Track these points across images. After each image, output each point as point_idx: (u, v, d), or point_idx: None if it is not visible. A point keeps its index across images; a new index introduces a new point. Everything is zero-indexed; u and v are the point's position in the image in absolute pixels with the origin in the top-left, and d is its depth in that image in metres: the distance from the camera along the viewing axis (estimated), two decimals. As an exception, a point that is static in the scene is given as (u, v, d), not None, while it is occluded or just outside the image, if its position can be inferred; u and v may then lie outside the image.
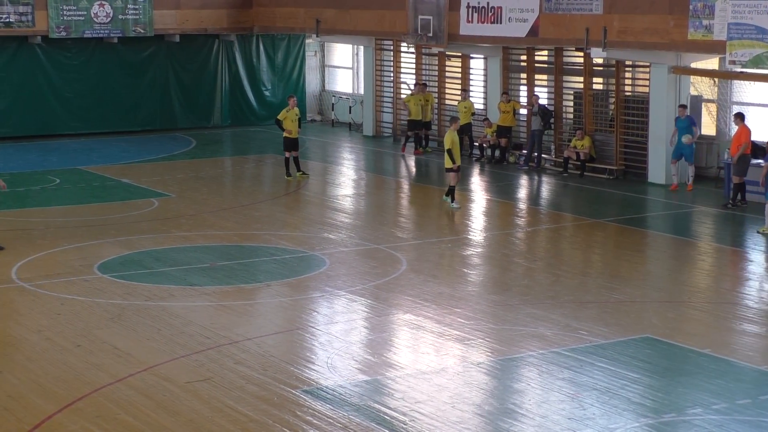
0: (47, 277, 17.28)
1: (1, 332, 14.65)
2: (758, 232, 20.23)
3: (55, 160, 29.49)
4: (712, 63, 25.14)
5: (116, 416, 11.54)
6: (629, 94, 26.71)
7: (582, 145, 26.54)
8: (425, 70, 32.63)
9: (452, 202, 22.64)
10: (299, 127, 26.21)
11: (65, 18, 32.41)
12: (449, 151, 22.32)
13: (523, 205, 24.09)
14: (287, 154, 26.12)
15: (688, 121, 24.34)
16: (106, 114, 34.20)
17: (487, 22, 27.74)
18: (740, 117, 22.82)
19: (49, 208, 23.05)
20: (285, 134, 25.96)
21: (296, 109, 26.22)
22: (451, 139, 22.47)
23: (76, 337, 14.27)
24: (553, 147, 28.10)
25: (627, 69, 26.71)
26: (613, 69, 26.56)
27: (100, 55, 33.98)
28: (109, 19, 32.94)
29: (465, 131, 29.36)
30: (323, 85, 38.33)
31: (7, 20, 31.82)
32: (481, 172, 27.81)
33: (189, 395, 12.13)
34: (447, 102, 31.74)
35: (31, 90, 33.12)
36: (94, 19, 32.76)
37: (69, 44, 33.44)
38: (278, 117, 26.24)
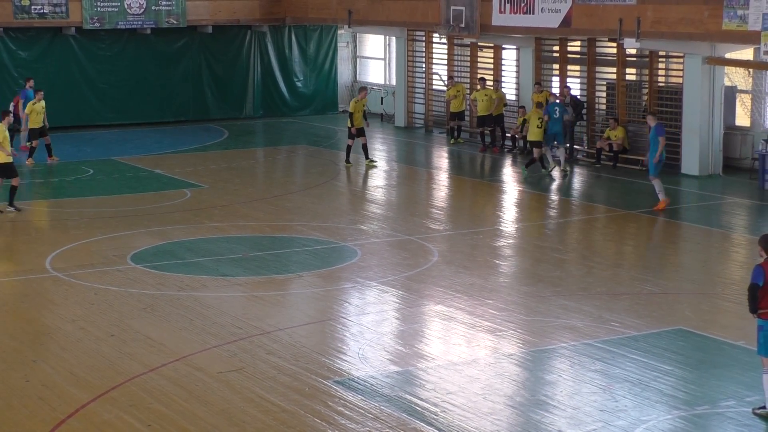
0: (81, 267, 17.40)
1: (36, 322, 14.78)
2: None
3: (89, 151, 29.67)
4: (746, 53, 24.94)
5: (149, 405, 11.62)
6: (663, 84, 26.54)
7: (615, 136, 26.40)
8: (457, 61, 32.54)
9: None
10: (365, 118, 26.99)
11: (99, 9, 32.57)
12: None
13: (555, 197, 24.00)
14: (362, 140, 26.82)
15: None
16: (139, 105, 34.37)
17: (520, 13, 27.63)
18: None
19: (82, 199, 23.19)
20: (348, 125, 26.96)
21: (365, 100, 27.21)
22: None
23: (109, 326, 14.37)
24: (585, 138, 27.97)
25: (660, 59, 26.54)
26: (647, 59, 26.39)
27: (134, 47, 34.15)
28: (142, 10, 33.08)
29: (497, 122, 29.29)
30: (355, 76, 38.34)
31: (42, 12, 32.02)
32: (513, 162, 27.73)
33: (221, 385, 12.19)
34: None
35: (65, 81, 33.31)
36: (128, 10, 32.91)
37: (102, 35, 33.60)
38: (350, 110, 27.02)
